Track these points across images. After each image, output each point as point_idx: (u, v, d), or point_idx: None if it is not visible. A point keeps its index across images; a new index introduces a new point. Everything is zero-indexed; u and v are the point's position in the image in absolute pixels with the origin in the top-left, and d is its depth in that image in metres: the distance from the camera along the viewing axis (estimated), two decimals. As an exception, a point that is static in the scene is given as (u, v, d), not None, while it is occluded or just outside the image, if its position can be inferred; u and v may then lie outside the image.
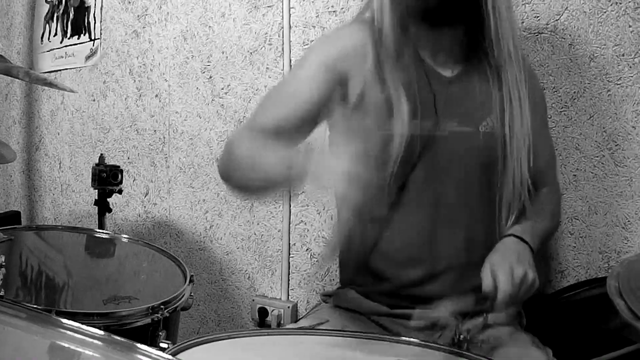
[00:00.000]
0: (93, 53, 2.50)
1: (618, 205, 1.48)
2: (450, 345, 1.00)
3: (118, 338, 0.62)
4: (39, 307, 1.19)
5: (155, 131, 2.29)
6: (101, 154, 2.03)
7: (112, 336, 0.62)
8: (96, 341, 0.61)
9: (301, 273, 1.97)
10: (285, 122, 1.18)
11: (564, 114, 1.52)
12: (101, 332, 0.62)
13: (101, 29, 2.46)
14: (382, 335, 1.08)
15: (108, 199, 1.99)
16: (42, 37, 2.69)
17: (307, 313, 1.35)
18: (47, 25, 2.66)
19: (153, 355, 0.59)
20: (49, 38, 2.66)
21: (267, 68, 1.98)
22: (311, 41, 1.89)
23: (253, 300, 2.05)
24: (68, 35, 2.58)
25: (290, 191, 0.99)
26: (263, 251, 2.04)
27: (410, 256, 1.20)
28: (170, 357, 0.59)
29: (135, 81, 2.35)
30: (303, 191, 1.79)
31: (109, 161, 2.09)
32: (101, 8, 2.45)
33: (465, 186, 1.19)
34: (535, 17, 1.53)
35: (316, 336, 1.00)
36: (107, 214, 2.00)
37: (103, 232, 1.83)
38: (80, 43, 2.54)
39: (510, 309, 1.24)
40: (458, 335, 1.02)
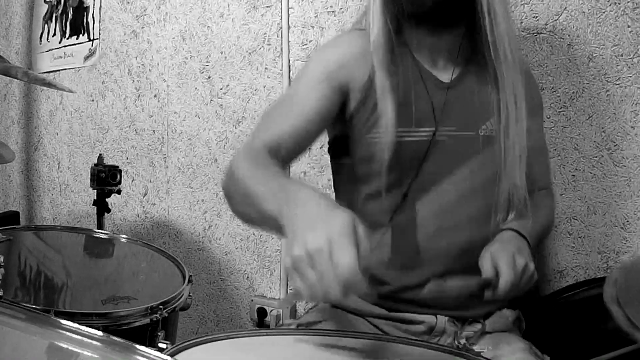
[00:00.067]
0: (92, 53, 2.50)
1: (617, 205, 1.48)
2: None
3: (117, 338, 0.62)
4: (38, 308, 1.19)
5: (154, 131, 2.29)
6: (100, 154, 2.03)
7: (111, 337, 0.62)
8: (95, 342, 0.61)
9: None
10: (286, 137, 1.15)
11: (563, 114, 1.52)
12: (100, 333, 0.62)
13: (100, 29, 2.46)
14: (382, 335, 1.08)
15: (107, 199, 1.99)
16: (41, 37, 2.69)
17: (306, 312, 1.35)
18: (46, 25, 2.66)
19: (152, 355, 0.59)
20: (48, 38, 2.66)
21: (266, 68, 1.98)
22: (310, 41, 1.89)
23: (252, 300, 2.05)
24: (67, 35, 2.58)
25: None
26: (262, 251, 2.04)
27: (408, 261, 1.19)
28: (168, 358, 0.59)
29: (134, 81, 2.35)
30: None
31: (108, 161, 2.09)
32: (100, 8, 2.45)
33: (465, 190, 1.18)
34: (534, 18, 1.53)
35: (315, 336, 1.00)
36: (106, 214, 2.00)
37: (102, 232, 1.83)
38: (79, 43, 2.54)
39: (511, 315, 1.24)
40: (457, 342, 1.02)
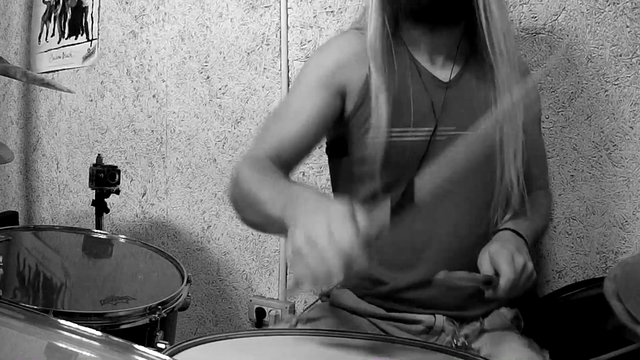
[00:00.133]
0: (90, 53, 2.49)
1: (616, 205, 1.48)
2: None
3: (115, 339, 0.62)
4: (37, 308, 1.19)
5: (152, 131, 2.29)
6: (99, 155, 2.03)
7: (110, 337, 0.62)
8: (93, 342, 0.61)
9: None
10: (287, 145, 1.15)
11: (562, 115, 1.52)
12: (98, 333, 0.62)
13: (99, 30, 2.46)
14: (382, 335, 1.08)
15: (105, 200, 1.99)
16: (40, 38, 2.69)
17: (305, 310, 1.35)
18: (45, 25, 2.66)
19: (150, 355, 0.59)
20: (47, 38, 2.66)
21: (265, 68, 1.98)
22: (309, 41, 1.89)
23: (250, 300, 2.05)
24: (65, 35, 2.58)
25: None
26: (261, 251, 2.04)
27: (407, 260, 1.19)
28: (167, 358, 0.59)
29: (132, 81, 2.35)
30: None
31: (107, 161, 2.09)
32: (99, 8, 2.45)
33: (463, 189, 1.18)
34: (532, 18, 1.53)
35: (314, 336, 1.00)
36: (105, 215, 2.00)
37: (100, 233, 1.83)
38: (77, 43, 2.54)
39: (509, 313, 1.24)
40: (456, 340, 1.03)
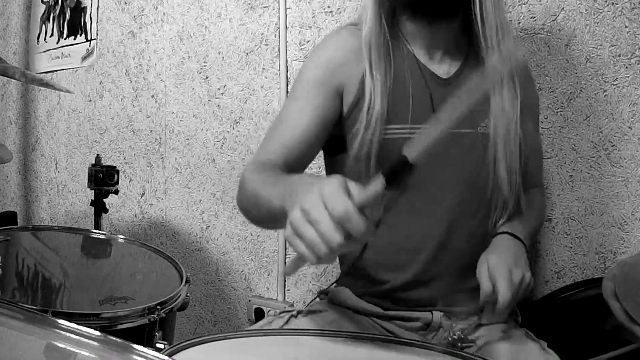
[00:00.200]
0: (89, 53, 2.49)
1: (614, 205, 1.48)
2: (444, 344, 1.00)
3: (114, 339, 0.62)
4: (35, 308, 1.19)
5: (151, 132, 2.29)
6: (97, 155, 2.03)
7: (108, 337, 0.62)
8: (92, 342, 0.61)
9: (297, 273, 1.96)
10: (290, 150, 1.15)
11: (560, 115, 1.52)
12: (97, 333, 0.62)
13: (97, 30, 2.46)
14: (381, 335, 1.08)
15: (104, 200, 1.99)
16: (39, 38, 2.69)
17: (305, 308, 1.35)
18: (44, 25, 2.66)
19: (149, 355, 0.59)
20: (45, 38, 2.66)
21: (264, 69, 1.98)
22: (307, 41, 1.89)
23: (249, 300, 2.05)
24: (64, 35, 2.58)
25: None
26: (259, 252, 2.04)
27: (403, 261, 1.19)
28: (166, 358, 0.59)
29: (131, 82, 2.35)
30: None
31: (105, 162, 2.09)
32: (97, 8, 2.45)
33: (460, 188, 1.18)
34: (531, 18, 1.53)
35: (313, 337, 1.00)
36: (104, 215, 2.00)
37: (99, 233, 1.82)
38: (76, 43, 2.54)
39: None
40: (452, 334, 1.03)
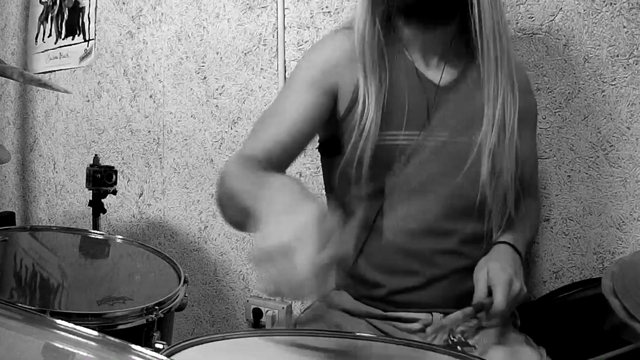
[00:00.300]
0: (87, 54, 2.49)
1: (612, 206, 1.48)
2: (444, 347, 1.00)
3: (112, 339, 0.62)
4: (34, 308, 1.19)
5: (149, 132, 2.29)
6: (95, 155, 2.03)
7: (107, 337, 0.62)
8: (90, 342, 0.61)
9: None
10: (277, 145, 1.13)
11: (559, 115, 1.52)
12: (95, 333, 0.62)
13: (95, 30, 2.46)
14: (380, 336, 1.08)
15: (102, 200, 1.99)
16: (37, 38, 2.68)
17: (303, 312, 1.35)
18: (42, 26, 2.66)
19: (147, 356, 0.59)
20: (43, 39, 2.65)
21: (262, 69, 1.98)
22: (305, 42, 1.89)
23: (247, 301, 2.04)
24: (62, 36, 2.58)
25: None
26: (258, 252, 2.03)
27: (401, 265, 1.19)
28: (164, 358, 0.59)
29: (129, 82, 2.35)
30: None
31: (104, 162, 2.09)
32: (95, 9, 2.45)
33: (454, 195, 1.17)
34: (529, 18, 1.54)
35: (312, 337, 1.00)
36: (102, 215, 2.00)
37: (97, 233, 1.82)
38: (74, 44, 2.54)
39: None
40: (452, 337, 1.03)
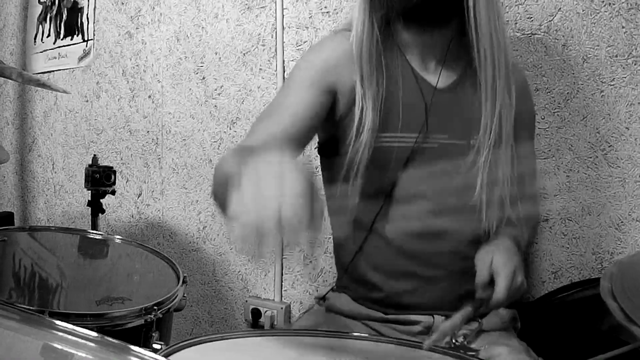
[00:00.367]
0: (86, 54, 2.49)
1: (611, 206, 1.48)
2: (446, 348, 1.00)
3: (111, 339, 0.62)
4: (32, 308, 1.19)
5: (148, 132, 2.29)
6: (94, 155, 2.02)
7: (105, 337, 0.62)
8: (89, 342, 0.61)
9: (294, 274, 1.96)
10: (277, 140, 1.12)
11: (557, 115, 1.52)
12: (94, 334, 0.62)
13: (94, 30, 2.45)
14: (380, 337, 1.08)
15: (101, 200, 1.99)
16: (35, 38, 2.68)
17: (301, 315, 1.35)
18: (40, 26, 2.66)
19: (146, 356, 0.59)
20: (42, 39, 2.65)
21: (260, 69, 1.98)
22: (304, 42, 1.89)
23: (246, 301, 2.04)
24: (61, 36, 2.58)
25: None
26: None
27: (400, 266, 1.19)
28: (163, 359, 0.59)
29: (128, 82, 2.34)
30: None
31: (102, 162, 2.09)
32: (94, 9, 2.44)
33: (451, 197, 1.17)
34: (528, 18, 1.54)
35: (311, 337, 1.00)
36: (100, 215, 2.00)
37: (96, 233, 1.82)
38: (73, 44, 2.54)
39: (507, 314, 1.25)
40: (454, 340, 1.03)
